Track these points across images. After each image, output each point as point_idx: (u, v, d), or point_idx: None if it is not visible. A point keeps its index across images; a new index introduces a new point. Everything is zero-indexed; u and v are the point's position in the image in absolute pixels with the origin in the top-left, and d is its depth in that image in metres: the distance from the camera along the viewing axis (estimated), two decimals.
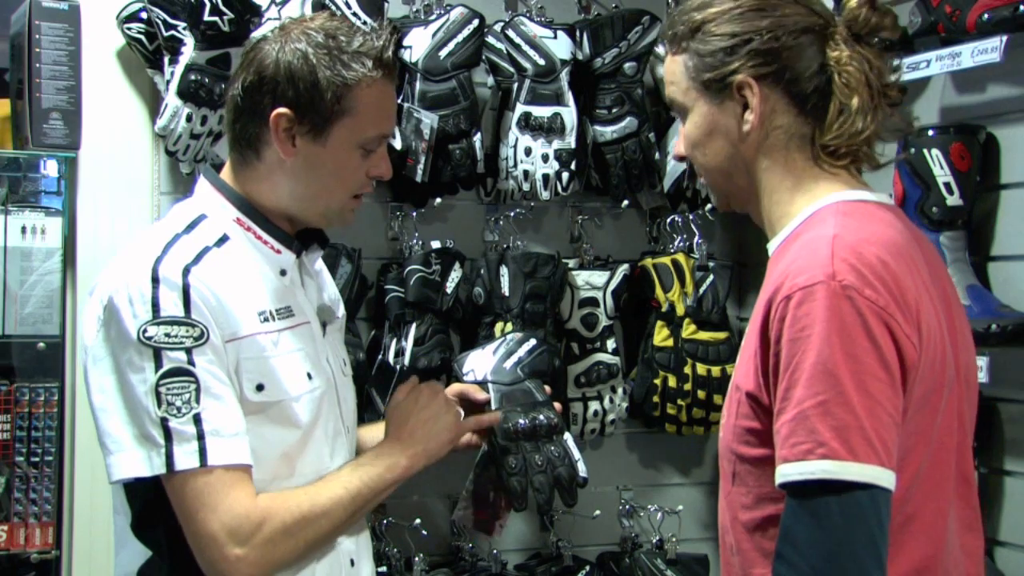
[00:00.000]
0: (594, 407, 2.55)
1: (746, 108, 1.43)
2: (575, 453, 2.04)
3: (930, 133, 2.10)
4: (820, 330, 1.26)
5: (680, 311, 2.58)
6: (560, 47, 2.44)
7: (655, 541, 2.57)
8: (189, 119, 2.18)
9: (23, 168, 2.32)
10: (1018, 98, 2.10)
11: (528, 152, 2.42)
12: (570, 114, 2.43)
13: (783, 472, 1.28)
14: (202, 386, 1.49)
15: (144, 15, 2.24)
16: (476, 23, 2.39)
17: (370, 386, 2.30)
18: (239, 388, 1.55)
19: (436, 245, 2.45)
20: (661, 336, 2.58)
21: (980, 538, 1.47)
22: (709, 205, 2.60)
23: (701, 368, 2.56)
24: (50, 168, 2.33)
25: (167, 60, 2.21)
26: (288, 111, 1.58)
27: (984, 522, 1.50)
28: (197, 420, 1.48)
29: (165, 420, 1.47)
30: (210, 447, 1.48)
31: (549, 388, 2.11)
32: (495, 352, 2.13)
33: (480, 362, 2.11)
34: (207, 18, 2.13)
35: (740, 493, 1.42)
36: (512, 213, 2.56)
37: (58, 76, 2.20)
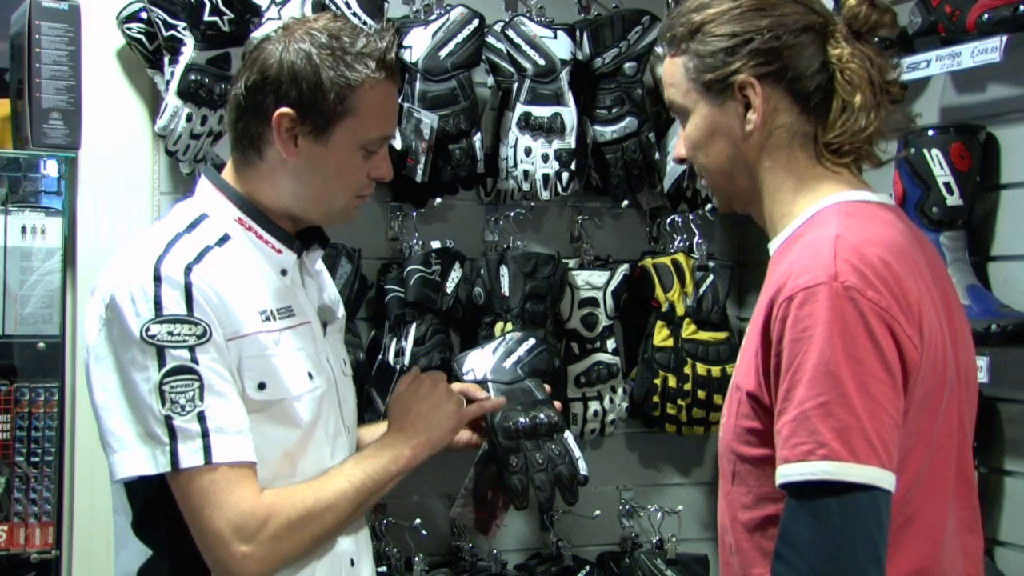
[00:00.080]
0: (594, 407, 2.55)
1: (748, 108, 1.43)
2: (576, 451, 2.04)
3: (930, 133, 2.10)
4: (822, 331, 1.26)
5: (680, 311, 2.58)
6: (560, 47, 2.44)
7: (655, 541, 2.57)
8: (189, 119, 2.18)
9: (23, 168, 2.32)
10: (1018, 98, 2.10)
11: (528, 152, 2.42)
12: (570, 114, 2.43)
13: (784, 472, 1.28)
14: (205, 384, 1.49)
15: (144, 15, 2.24)
16: (476, 23, 2.39)
17: (370, 386, 2.30)
18: (241, 387, 1.55)
19: (436, 245, 2.45)
20: (661, 336, 2.58)
21: (979, 539, 1.47)
22: (709, 205, 2.60)
23: (701, 368, 2.55)
24: (50, 168, 2.33)
25: (167, 60, 2.21)
26: (291, 111, 1.58)
27: (984, 522, 1.50)
28: (201, 418, 1.48)
29: (169, 418, 1.47)
30: (215, 444, 1.49)
31: (549, 387, 2.11)
32: (495, 351, 2.13)
33: (480, 361, 2.11)
34: (207, 18, 2.13)
35: (740, 493, 1.42)
36: (512, 213, 2.55)
37: (58, 76, 2.20)
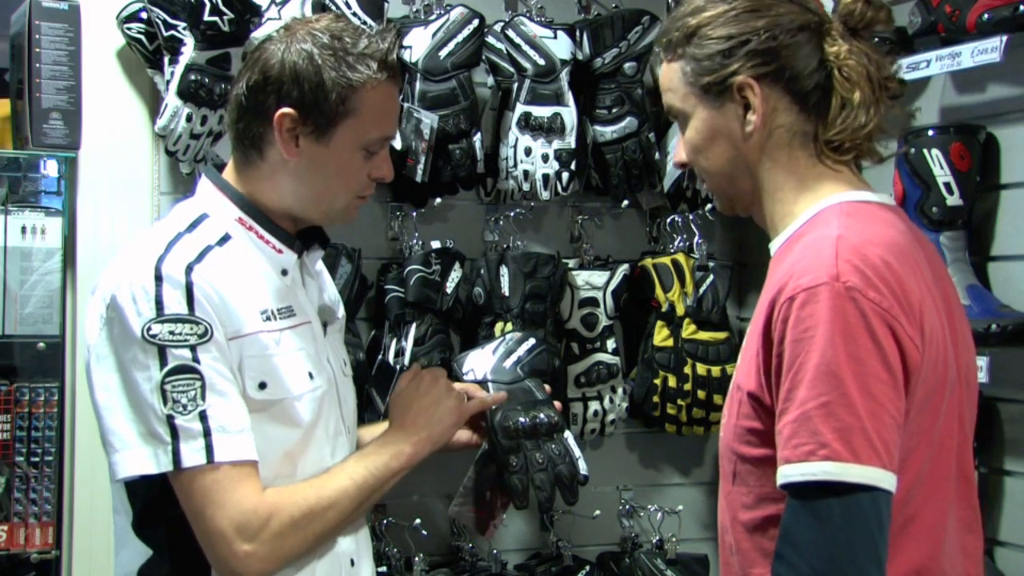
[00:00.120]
0: (594, 407, 2.55)
1: (747, 109, 1.44)
2: (576, 451, 2.04)
3: (930, 133, 2.10)
4: (823, 331, 1.26)
5: (680, 311, 2.58)
6: (560, 47, 2.43)
7: (655, 541, 2.57)
8: (189, 119, 2.18)
9: (23, 168, 2.32)
10: (1018, 98, 2.10)
11: (528, 152, 2.42)
12: (570, 114, 2.43)
13: (785, 473, 1.28)
14: (207, 383, 1.49)
15: (144, 15, 2.24)
16: (476, 23, 2.39)
17: (370, 386, 2.30)
18: (242, 386, 1.55)
19: (436, 245, 2.45)
20: (661, 336, 2.58)
21: (979, 539, 1.47)
22: (709, 205, 2.60)
23: (701, 368, 2.55)
24: (50, 168, 2.33)
25: (167, 60, 2.20)
26: (292, 111, 1.58)
27: (984, 522, 1.50)
28: (203, 417, 1.48)
29: (171, 417, 1.47)
30: (217, 444, 1.49)
31: (549, 387, 2.11)
32: (494, 351, 2.13)
33: (479, 361, 2.11)
34: (207, 18, 2.13)
35: (740, 493, 1.42)
36: (512, 213, 2.55)
37: (58, 76, 2.20)
